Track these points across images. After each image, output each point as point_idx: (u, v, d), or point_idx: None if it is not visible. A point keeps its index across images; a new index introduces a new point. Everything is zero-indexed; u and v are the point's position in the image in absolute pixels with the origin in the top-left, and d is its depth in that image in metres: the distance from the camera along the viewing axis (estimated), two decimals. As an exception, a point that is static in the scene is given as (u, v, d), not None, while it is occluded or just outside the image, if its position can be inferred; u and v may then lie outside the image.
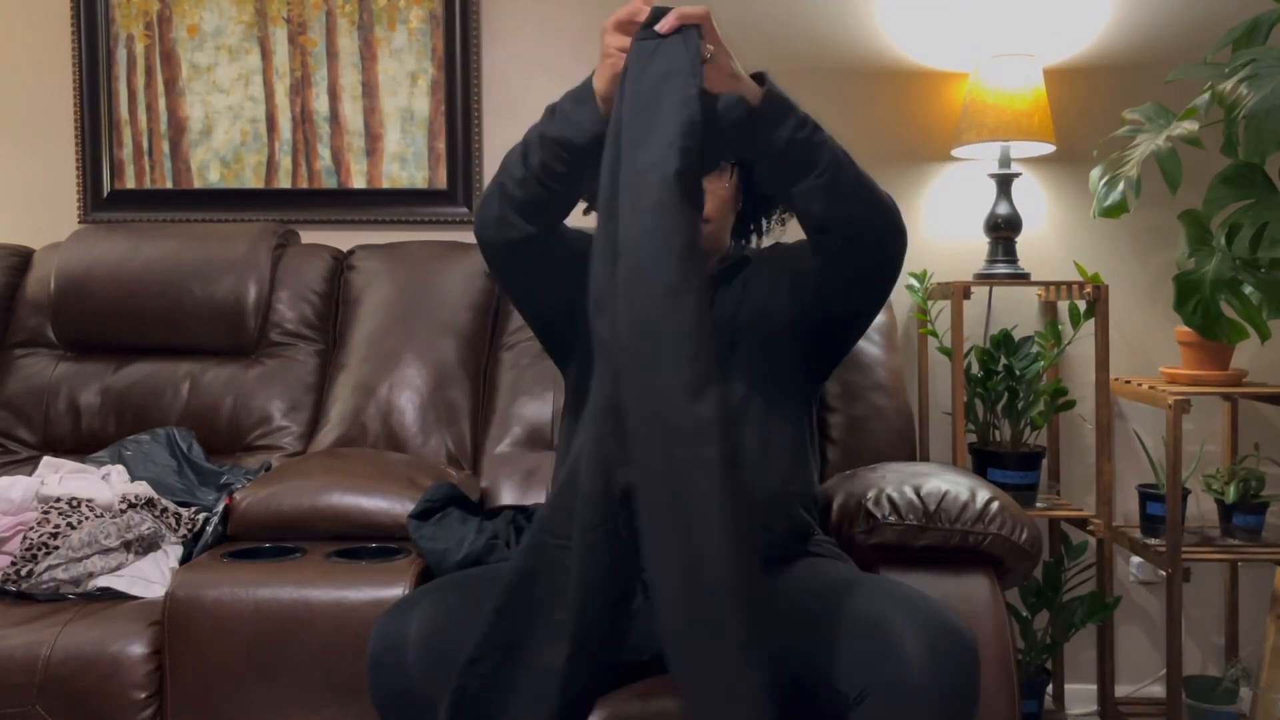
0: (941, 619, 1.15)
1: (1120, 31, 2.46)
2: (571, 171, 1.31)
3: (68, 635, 1.50)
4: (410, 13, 2.50)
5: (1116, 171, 1.97)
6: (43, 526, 1.67)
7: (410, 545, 1.62)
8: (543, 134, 1.31)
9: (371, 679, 1.19)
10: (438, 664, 1.16)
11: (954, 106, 2.46)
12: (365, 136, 2.52)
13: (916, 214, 2.49)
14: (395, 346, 2.15)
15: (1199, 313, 1.88)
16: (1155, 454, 2.34)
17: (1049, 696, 2.42)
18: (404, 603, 1.24)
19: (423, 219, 2.51)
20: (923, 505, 1.53)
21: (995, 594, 1.50)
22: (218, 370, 2.20)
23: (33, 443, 2.17)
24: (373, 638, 1.21)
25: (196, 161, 2.54)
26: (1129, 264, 2.48)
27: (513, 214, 1.36)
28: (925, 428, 2.41)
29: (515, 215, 1.36)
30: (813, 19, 2.47)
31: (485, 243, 1.42)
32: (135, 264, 2.21)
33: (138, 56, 2.53)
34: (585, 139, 1.26)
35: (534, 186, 1.33)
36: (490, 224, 1.39)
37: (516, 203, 1.35)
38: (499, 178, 1.37)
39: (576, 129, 1.27)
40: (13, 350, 2.26)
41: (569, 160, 1.29)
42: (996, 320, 2.46)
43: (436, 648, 1.17)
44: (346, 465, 1.81)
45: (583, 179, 1.35)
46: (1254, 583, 2.44)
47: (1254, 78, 1.70)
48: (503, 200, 1.36)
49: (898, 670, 1.11)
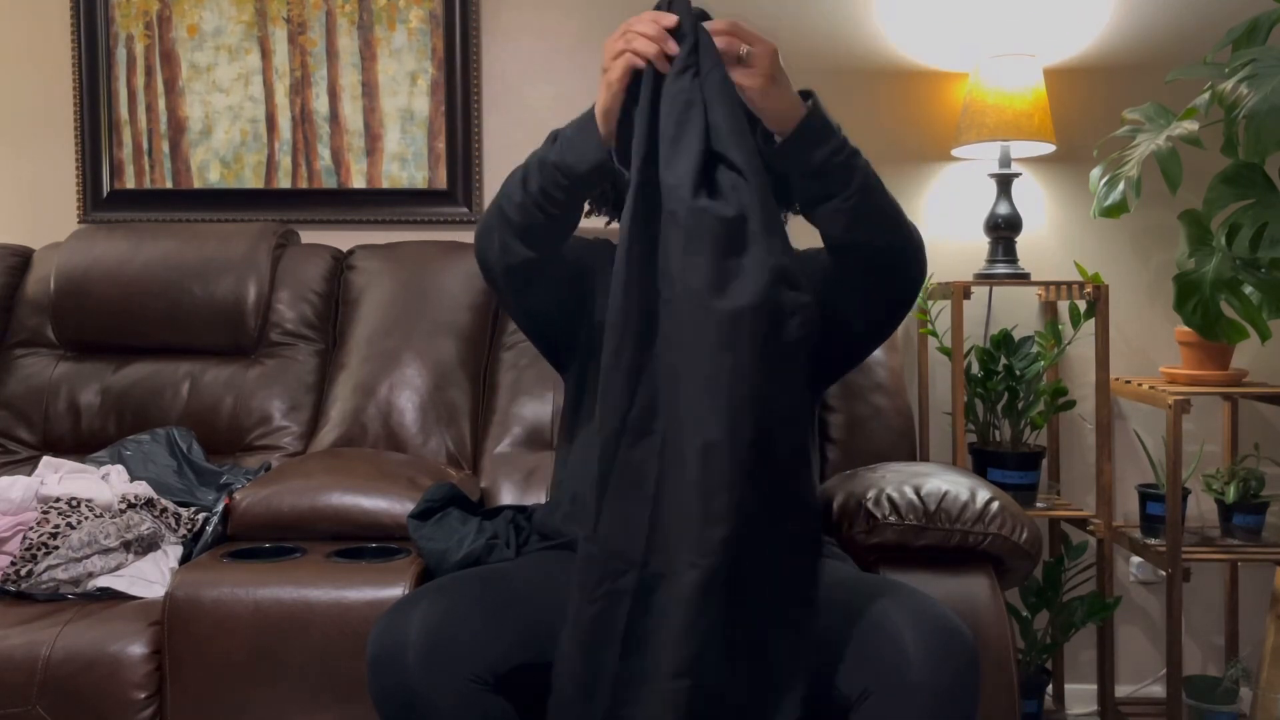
0: (942, 619, 1.15)
1: (1120, 32, 2.46)
2: (571, 198, 1.30)
3: (68, 635, 1.50)
4: (410, 13, 2.50)
5: (1116, 171, 1.97)
6: (42, 526, 1.67)
7: (410, 545, 1.62)
8: (543, 159, 1.29)
9: (371, 679, 1.19)
10: (438, 664, 1.16)
11: (954, 106, 2.46)
12: (365, 136, 2.52)
13: (917, 214, 2.48)
14: (395, 346, 2.15)
15: (1199, 313, 1.88)
16: (1155, 454, 2.34)
17: (1049, 696, 2.42)
18: (404, 603, 1.24)
19: (423, 219, 2.51)
20: (923, 505, 1.53)
21: (995, 594, 1.50)
22: (218, 370, 2.20)
23: (32, 443, 2.17)
24: (373, 638, 1.21)
25: (196, 161, 2.54)
26: (1129, 264, 2.48)
27: (512, 239, 1.35)
28: (925, 428, 2.41)
29: (515, 240, 1.35)
30: (813, 19, 2.47)
31: (486, 265, 1.41)
32: (135, 264, 2.21)
33: (138, 56, 2.53)
34: (586, 166, 1.26)
35: (533, 212, 1.31)
36: (491, 248, 1.38)
37: (516, 228, 1.34)
38: (499, 200, 1.36)
39: (577, 155, 1.26)
40: (13, 350, 2.26)
41: (568, 187, 1.28)
42: (996, 320, 2.46)
43: (436, 648, 1.17)
44: (346, 465, 1.80)
45: (582, 205, 1.34)
46: (1254, 583, 2.44)
47: (1254, 78, 1.70)
48: (502, 225, 1.35)
49: (898, 671, 1.11)
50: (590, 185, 1.30)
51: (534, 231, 1.34)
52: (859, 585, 1.27)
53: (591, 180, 1.28)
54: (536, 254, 1.36)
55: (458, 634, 1.17)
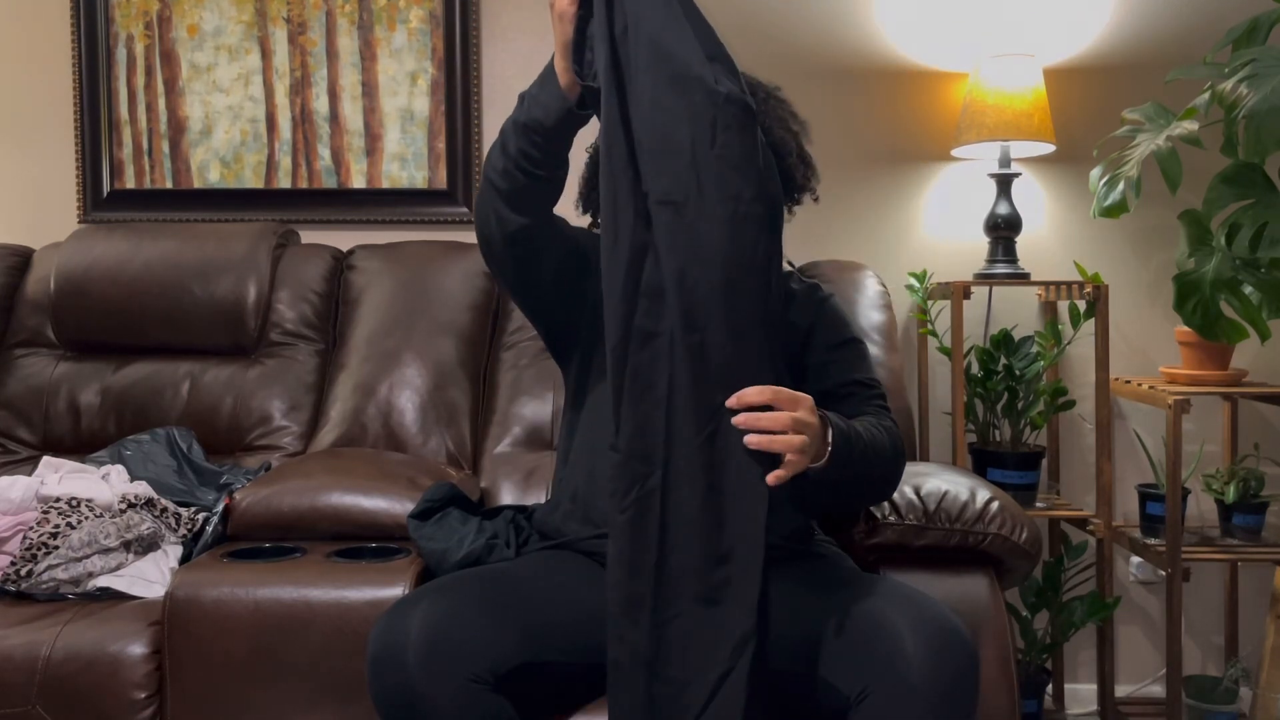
0: (942, 620, 1.16)
1: (1120, 31, 2.46)
2: (547, 155, 1.33)
3: (68, 635, 1.50)
4: (410, 13, 2.50)
5: (1116, 171, 1.97)
6: (42, 526, 1.67)
7: (410, 545, 1.62)
8: (515, 120, 1.33)
9: (372, 679, 1.19)
10: (438, 664, 1.16)
11: (954, 106, 2.46)
12: (365, 136, 2.52)
13: (916, 214, 2.49)
14: (395, 346, 2.15)
15: (1199, 313, 1.88)
16: (1155, 454, 2.34)
17: (1049, 696, 2.42)
18: (404, 603, 1.24)
19: (423, 219, 2.51)
20: (922, 505, 1.53)
21: (995, 594, 1.50)
22: (218, 370, 2.20)
23: (33, 443, 2.17)
24: (373, 638, 1.21)
25: (196, 161, 2.54)
26: (1129, 264, 2.48)
27: (503, 206, 1.38)
28: (925, 428, 2.41)
29: (505, 208, 1.38)
30: (813, 19, 2.47)
31: (487, 239, 1.43)
32: (135, 264, 2.21)
33: (138, 56, 2.53)
34: (553, 119, 1.29)
35: (516, 175, 1.35)
36: (489, 223, 1.40)
37: (503, 195, 1.37)
38: (485, 172, 1.39)
39: (543, 109, 1.29)
40: (13, 350, 2.26)
41: (542, 144, 1.32)
42: (996, 320, 2.46)
43: (436, 648, 1.17)
44: (346, 465, 1.80)
45: (563, 159, 1.36)
46: (1254, 583, 2.45)
47: (1254, 78, 1.71)
48: (492, 195, 1.38)
49: (898, 671, 1.11)
50: (563, 136, 1.33)
51: (522, 195, 1.37)
52: (858, 584, 1.27)
53: (562, 131, 1.31)
54: (529, 219, 1.39)
55: (458, 634, 1.18)
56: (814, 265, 2.28)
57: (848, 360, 1.51)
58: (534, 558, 1.45)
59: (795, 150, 1.53)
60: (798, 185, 1.55)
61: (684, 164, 1.13)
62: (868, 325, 2.13)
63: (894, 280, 2.40)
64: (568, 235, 1.48)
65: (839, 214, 2.48)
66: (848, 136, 2.48)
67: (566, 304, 1.52)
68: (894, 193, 2.49)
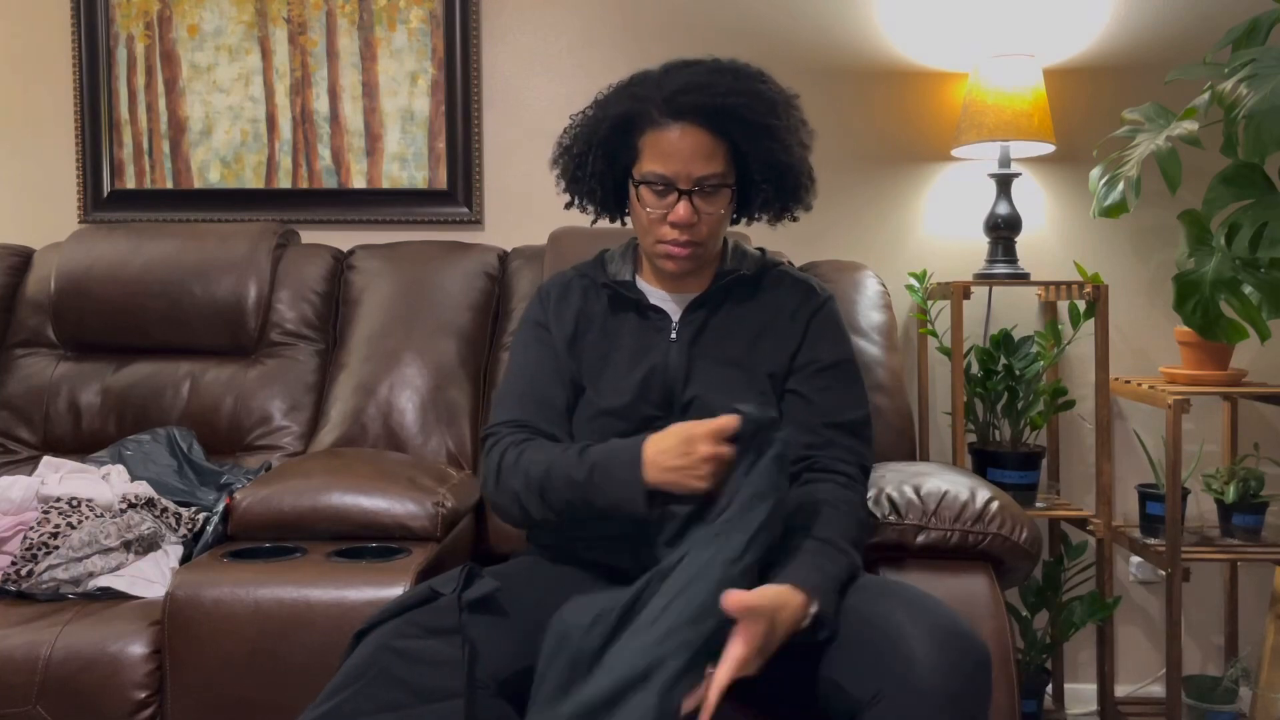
0: (952, 624, 1.15)
1: (1120, 31, 2.46)
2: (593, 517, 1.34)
3: (68, 635, 1.50)
4: (410, 13, 2.50)
5: (1116, 171, 1.97)
6: (43, 526, 1.67)
7: (410, 545, 1.62)
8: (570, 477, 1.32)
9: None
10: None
11: (954, 106, 2.47)
12: (365, 136, 2.52)
13: (916, 214, 2.49)
14: (395, 346, 2.16)
15: (1199, 313, 1.88)
16: (1155, 454, 2.34)
17: (1049, 696, 2.42)
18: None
19: (423, 219, 2.51)
20: (922, 505, 1.53)
21: (995, 594, 1.50)
22: (218, 370, 2.20)
23: (33, 443, 2.17)
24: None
25: (196, 161, 2.54)
26: (1129, 264, 2.48)
27: (534, 523, 1.43)
28: (925, 428, 2.41)
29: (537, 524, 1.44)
30: (812, 19, 2.47)
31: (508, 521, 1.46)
32: (135, 264, 2.21)
33: (138, 56, 2.53)
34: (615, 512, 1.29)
35: (551, 519, 1.37)
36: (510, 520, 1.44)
37: (536, 521, 1.41)
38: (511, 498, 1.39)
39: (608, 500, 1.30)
40: (13, 350, 2.26)
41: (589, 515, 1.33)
42: (996, 320, 2.46)
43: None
44: (347, 465, 1.80)
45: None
46: (1254, 583, 2.45)
47: (1254, 78, 1.71)
48: (518, 515, 1.40)
49: (910, 675, 1.10)
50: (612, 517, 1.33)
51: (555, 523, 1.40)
52: (865, 587, 1.26)
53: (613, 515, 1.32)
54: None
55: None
56: (814, 265, 2.28)
57: (832, 392, 1.44)
58: (532, 563, 1.45)
59: (808, 171, 1.46)
60: (801, 202, 1.49)
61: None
62: (868, 325, 2.13)
63: (894, 280, 2.40)
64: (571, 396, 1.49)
65: (839, 214, 2.48)
66: (848, 136, 2.48)
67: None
68: (894, 193, 2.49)
